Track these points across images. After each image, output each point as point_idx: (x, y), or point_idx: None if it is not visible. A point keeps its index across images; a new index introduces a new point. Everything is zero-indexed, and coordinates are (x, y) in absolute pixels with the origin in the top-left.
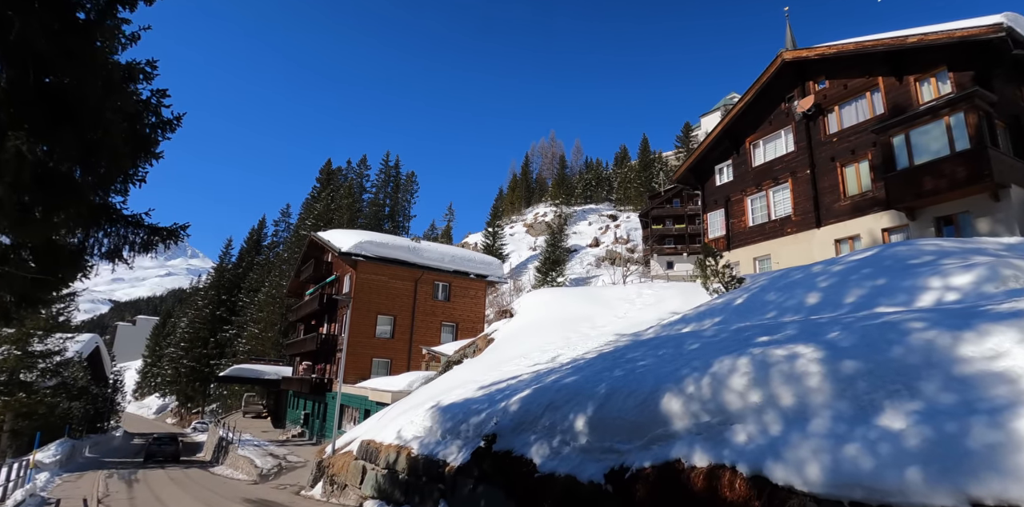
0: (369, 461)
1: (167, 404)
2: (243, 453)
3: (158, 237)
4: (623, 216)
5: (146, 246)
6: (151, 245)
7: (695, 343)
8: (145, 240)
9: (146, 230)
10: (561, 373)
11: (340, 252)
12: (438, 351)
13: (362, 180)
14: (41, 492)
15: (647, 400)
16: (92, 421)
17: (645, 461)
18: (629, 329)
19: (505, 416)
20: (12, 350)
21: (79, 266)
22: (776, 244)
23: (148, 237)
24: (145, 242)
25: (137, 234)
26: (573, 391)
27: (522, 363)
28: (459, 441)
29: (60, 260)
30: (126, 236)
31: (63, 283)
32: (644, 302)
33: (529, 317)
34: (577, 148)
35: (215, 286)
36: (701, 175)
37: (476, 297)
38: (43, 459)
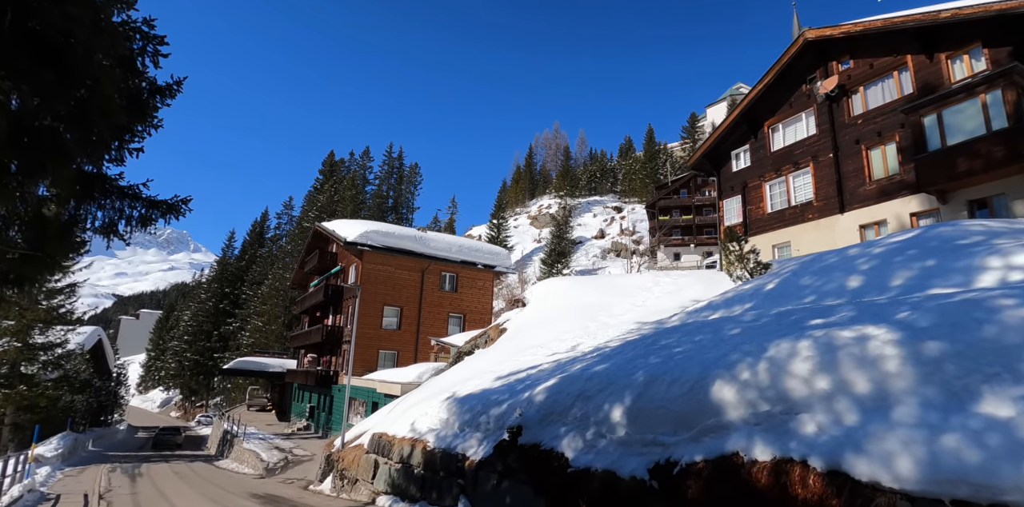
0: (381, 455)
1: (171, 398)
2: (248, 446)
3: (157, 211)
4: (628, 208)
5: (144, 221)
6: (149, 220)
7: (735, 328)
8: (143, 214)
9: (144, 203)
10: (587, 361)
11: (345, 242)
12: (447, 342)
13: (365, 172)
14: (41, 487)
15: (694, 388)
16: (95, 414)
17: (696, 455)
18: (650, 317)
19: (530, 407)
20: (12, 342)
21: (70, 241)
22: (796, 231)
23: (146, 211)
24: (143, 217)
25: (134, 207)
26: (606, 380)
27: (539, 352)
28: (479, 434)
29: (49, 235)
30: (122, 209)
31: (54, 261)
32: (663, 290)
33: (542, 306)
34: (581, 139)
35: (218, 279)
36: (717, 161)
37: (484, 288)
38: (44, 453)
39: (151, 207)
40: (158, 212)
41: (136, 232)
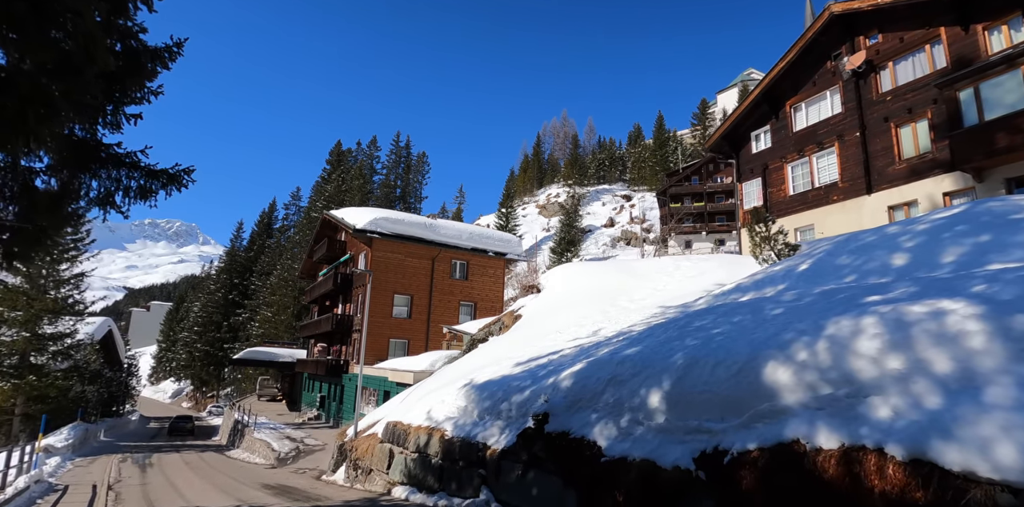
0: (396, 444)
1: (182, 388)
2: (260, 436)
3: (157, 182)
4: (638, 196)
5: (143, 192)
6: (149, 191)
7: (777, 308)
8: (142, 185)
9: (142, 173)
10: (615, 345)
11: (355, 229)
12: (460, 330)
13: (372, 161)
14: (50, 478)
15: (743, 371)
16: (107, 405)
17: (749, 442)
18: (673, 301)
19: (556, 393)
20: (21, 332)
21: (62, 214)
22: (820, 213)
23: (145, 182)
24: (142, 188)
25: (132, 177)
26: (640, 363)
27: (559, 338)
28: (500, 422)
29: (39, 207)
30: (119, 179)
31: (46, 234)
32: (684, 274)
33: (558, 292)
34: (590, 127)
35: (227, 270)
36: (735, 143)
37: (495, 276)
38: (55, 443)
39: (150, 177)
40: (158, 183)
41: (135, 204)
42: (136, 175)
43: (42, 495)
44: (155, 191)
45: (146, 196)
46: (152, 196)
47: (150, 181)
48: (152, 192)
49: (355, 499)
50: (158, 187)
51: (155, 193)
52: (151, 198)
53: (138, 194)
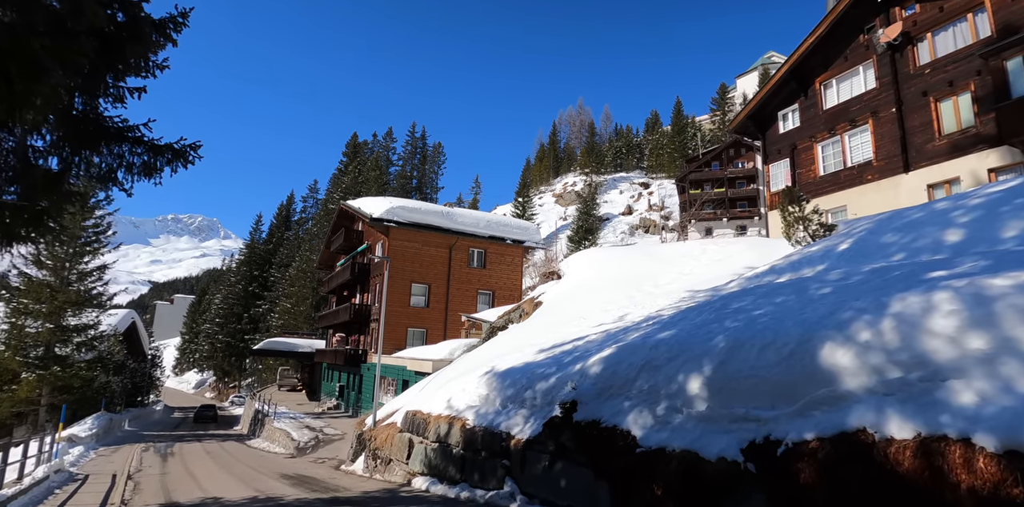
0: (416, 434)
1: (205, 379)
2: (279, 426)
3: (161, 158)
4: (656, 183)
5: (147, 169)
6: (153, 168)
7: (824, 287)
8: (146, 162)
9: (146, 148)
10: (646, 330)
11: (371, 218)
12: (479, 317)
13: (388, 153)
14: (71, 467)
15: (796, 353)
16: (131, 395)
17: (805, 432)
18: (702, 285)
19: (584, 380)
20: (45, 324)
21: (60, 191)
22: (853, 194)
23: (149, 158)
24: (146, 164)
25: (135, 153)
26: (676, 347)
27: (583, 324)
28: (524, 410)
29: (36, 185)
30: (121, 155)
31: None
32: (711, 258)
33: (579, 278)
34: (606, 115)
35: (247, 262)
36: (762, 123)
37: (513, 264)
38: (79, 433)
39: (154, 153)
40: (163, 159)
41: (139, 181)
42: (139, 151)
43: (61, 484)
44: (160, 168)
45: (150, 173)
46: (157, 173)
47: (154, 157)
48: (157, 169)
49: (374, 490)
50: (163, 163)
51: (160, 170)
52: (156, 175)
53: (142, 171)
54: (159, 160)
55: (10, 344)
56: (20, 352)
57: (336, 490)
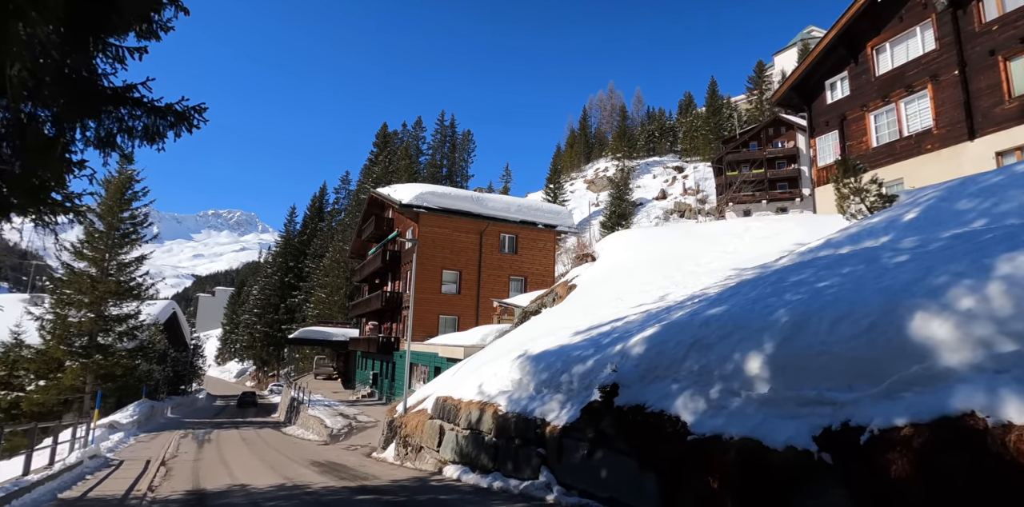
0: (447, 420)
1: (246, 368)
2: (313, 413)
3: (164, 121)
4: (690, 167)
5: (149, 133)
6: (156, 133)
7: (899, 256)
8: (147, 125)
9: (145, 110)
10: (691, 308)
11: (400, 204)
12: (511, 303)
13: (418, 142)
14: (108, 453)
15: (878, 325)
16: (174, 383)
17: (895, 416)
18: (748, 263)
19: (625, 361)
20: (87, 313)
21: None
22: (911, 165)
23: (151, 121)
24: (147, 128)
25: (135, 116)
26: (730, 324)
27: (621, 305)
28: (560, 395)
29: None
30: (120, 118)
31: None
32: (755, 236)
33: (615, 259)
34: (638, 98)
35: (282, 253)
36: (807, 94)
37: (545, 249)
38: (120, 419)
39: (155, 115)
40: (165, 122)
41: (141, 147)
42: (139, 113)
43: (95, 470)
44: (163, 133)
45: (152, 138)
46: (160, 139)
47: (156, 120)
48: (160, 134)
49: (403, 478)
50: (165, 127)
51: (163, 135)
52: (159, 141)
53: (144, 135)
54: (161, 123)
55: (55, 333)
56: (64, 341)
57: (365, 478)
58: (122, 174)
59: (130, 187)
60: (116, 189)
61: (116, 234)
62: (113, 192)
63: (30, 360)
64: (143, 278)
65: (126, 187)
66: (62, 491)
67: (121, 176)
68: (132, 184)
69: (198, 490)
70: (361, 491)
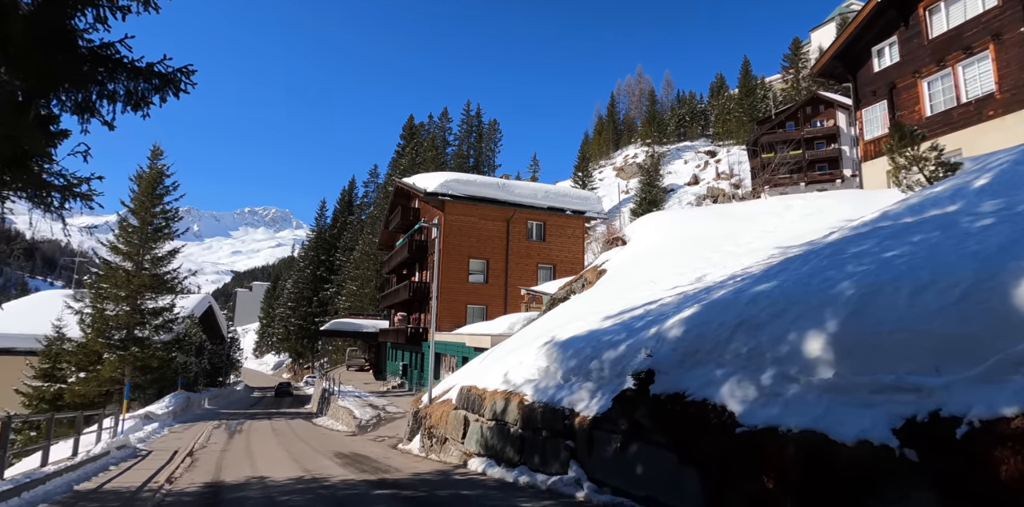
0: (471, 411)
1: (282, 360)
2: (343, 404)
3: (147, 85)
4: (723, 150)
5: (133, 99)
6: (140, 99)
7: (982, 219)
8: (130, 90)
9: (126, 72)
10: (733, 286)
11: (426, 193)
12: (539, 290)
13: (445, 133)
14: (139, 443)
15: (971, 295)
16: (211, 375)
17: (1001, 405)
18: (793, 241)
19: (661, 345)
20: (123, 307)
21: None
22: (970, 134)
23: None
24: (130, 93)
25: (116, 79)
26: (782, 300)
27: (654, 288)
28: (590, 383)
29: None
30: (100, 81)
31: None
32: (797, 214)
33: (647, 242)
34: (667, 82)
35: (314, 247)
36: (851, 62)
37: (574, 236)
38: (155, 410)
39: (139, 77)
40: (149, 86)
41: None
42: (120, 76)
43: (120, 460)
44: (148, 99)
45: (138, 105)
46: (146, 105)
47: (139, 84)
48: (145, 100)
49: (426, 471)
50: (149, 92)
51: (149, 101)
52: (144, 108)
53: (128, 101)
54: (144, 87)
55: (94, 326)
56: (103, 334)
57: (386, 471)
58: (153, 169)
59: (161, 182)
60: (147, 184)
61: (149, 229)
62: (145, 187)
63: (71, 353)
64: (176, 272)
65: (157, 182)
66: (80, 482)
67: (152, 171)
68: (163, 179)
69: (216, 482)
70: (380, 485)
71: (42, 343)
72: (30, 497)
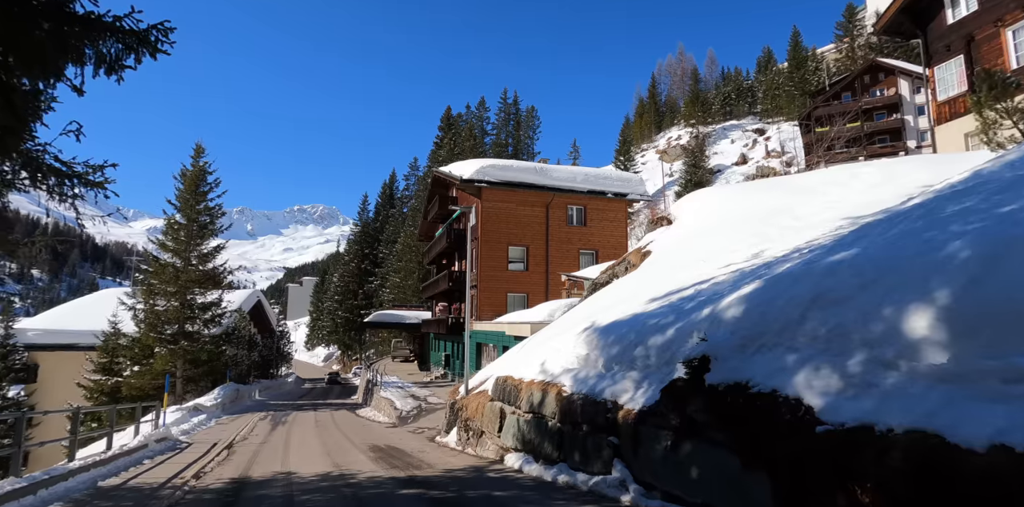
0: (507, 403)
1: (332, 353)
2: (385, 395)
3: (122, 45)
4: (772, 128)
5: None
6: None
7: None
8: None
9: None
10: (800, 259)
11: (461, 180)
12: (580, 275)
13: (482, 123)
14: (183, 435)
15: None
16: (262, 368)
17: None
18: (864, 210)
19: (717, 327)
20: (172, 302)
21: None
22: None
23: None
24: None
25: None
26: (870, 268)
27: (704, 268)
28: (634, 373)
29: None
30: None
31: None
32: (865, 183)
33: (694, 220)
34: (711, 59)
35: (358, 242)
36: (920, 15)
37: (616, 219)
38: (204, 402)
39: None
40: (120, 47)
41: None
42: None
43: (157, 454)
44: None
45: (112, 66)
46: (118, 70)
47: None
48: (118, 64)
49: (459, 468)
50: (125, 53)
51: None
52: (117, 70)
53: (101, 64)
54: (114, 47)
55: (146, 322)
56: (155, 329)
57: (418, 467)
58: (195, 167)
59: (204, 179)
60: (191, 182)
61: (195, 226)
62: (188, 185)
63: (126, 348)
64: (223, 267)
65: (200, 179)
66: (107, 478)
67: (195, 169)
68: (205, 176)
69: (242, 478)
70: (408, 483)
71: (100, 339)
72: (47, 495)
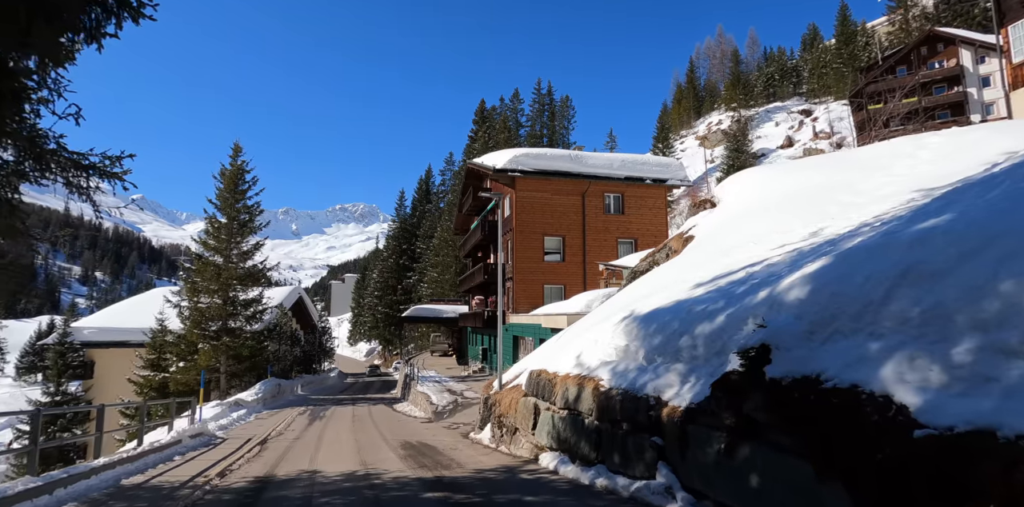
0: (541, 398)
1: (374, 348)
2: (421, 389)
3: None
4: (820, 108)
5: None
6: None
7: None
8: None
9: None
10: (874, 231)
11: (495, 169)
12: (618, 264)
13: (516, 115)
14: (220, 431)
15: None
16: (305, 363)
17: None
18: (938, 182)
19: (778, 312)
20: (215, 299)
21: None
22: None
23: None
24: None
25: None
26: (971, 235)
27: (755, 250)
28: (679, 365)
29: None
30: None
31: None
32: (933, 154)
33: (740, 201)
34: (752, 40)
35: (395, 237)
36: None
37: (655, 207)
38: (245, 397)
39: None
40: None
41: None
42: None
43: (189, 449)
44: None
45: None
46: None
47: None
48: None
49: (490, 468)
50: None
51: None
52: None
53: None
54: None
55: (191, 318)
56: (199, 326)
57: (447, 467)
58: (234, 166)
59: (242, 178)
60: (230, 180)
61: (235, 224)
62: (228, 183)
63: (172, 344)
64: (263, 264)
65: (238, 178)
66: (131, 475)
67: (233, 168)
68: (243, 175)
69: (267, 477)
70: (434, 485)
71: (148, 335)
72: (64, 494)
